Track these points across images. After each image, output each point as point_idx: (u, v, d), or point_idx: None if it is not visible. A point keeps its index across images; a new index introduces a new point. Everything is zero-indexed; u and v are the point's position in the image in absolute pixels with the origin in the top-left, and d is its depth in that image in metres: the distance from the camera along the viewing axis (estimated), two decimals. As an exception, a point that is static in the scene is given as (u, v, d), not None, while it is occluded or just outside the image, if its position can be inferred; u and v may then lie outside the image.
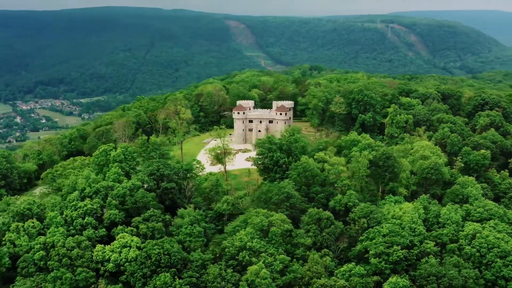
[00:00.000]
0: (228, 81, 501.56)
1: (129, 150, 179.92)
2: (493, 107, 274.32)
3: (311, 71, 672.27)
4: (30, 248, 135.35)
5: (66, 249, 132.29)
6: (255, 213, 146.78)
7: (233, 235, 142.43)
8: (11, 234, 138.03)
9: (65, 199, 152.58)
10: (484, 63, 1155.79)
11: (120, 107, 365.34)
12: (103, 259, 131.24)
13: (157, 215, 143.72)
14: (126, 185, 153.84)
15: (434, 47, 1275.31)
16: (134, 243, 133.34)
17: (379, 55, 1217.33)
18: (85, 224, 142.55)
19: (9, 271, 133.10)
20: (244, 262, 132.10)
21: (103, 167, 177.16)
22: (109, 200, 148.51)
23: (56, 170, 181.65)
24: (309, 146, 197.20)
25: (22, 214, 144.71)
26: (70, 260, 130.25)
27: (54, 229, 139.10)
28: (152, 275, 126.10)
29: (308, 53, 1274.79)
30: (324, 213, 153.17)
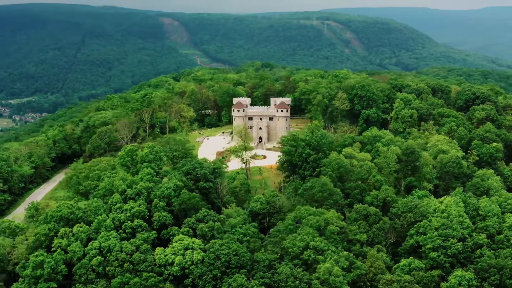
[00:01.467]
0: (190, 79, 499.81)
1: (156, 149, 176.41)
2: (484, 101, 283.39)
3: (263, 68, 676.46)
4: (84, 254, 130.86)
5: (125, 253, 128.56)
6: (306, 212, 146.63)
7: (288, 234, 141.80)
8: (61, 240, 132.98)
9: (107, 202, 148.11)
10: (419, 59, 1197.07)
11: (92, 106, 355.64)
12: (166, 263, 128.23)
13: (212, 215, 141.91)
14: (169, 186, 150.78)
15: (369, 43, 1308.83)
16: (196, 245, 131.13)
17: (316, 52, 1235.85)
18: (135, 227, 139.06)
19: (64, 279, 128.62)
20: (309, 261, 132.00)
21: (129, 168, 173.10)
22: (155, 202, 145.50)
23: (81, 172, 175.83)
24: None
25: (67, 218, 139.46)
26: (132, 265, 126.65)
27: (106, 233, 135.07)
28: (222, 277, 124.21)
29: (245, 51, 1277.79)
30: (371, 208, 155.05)
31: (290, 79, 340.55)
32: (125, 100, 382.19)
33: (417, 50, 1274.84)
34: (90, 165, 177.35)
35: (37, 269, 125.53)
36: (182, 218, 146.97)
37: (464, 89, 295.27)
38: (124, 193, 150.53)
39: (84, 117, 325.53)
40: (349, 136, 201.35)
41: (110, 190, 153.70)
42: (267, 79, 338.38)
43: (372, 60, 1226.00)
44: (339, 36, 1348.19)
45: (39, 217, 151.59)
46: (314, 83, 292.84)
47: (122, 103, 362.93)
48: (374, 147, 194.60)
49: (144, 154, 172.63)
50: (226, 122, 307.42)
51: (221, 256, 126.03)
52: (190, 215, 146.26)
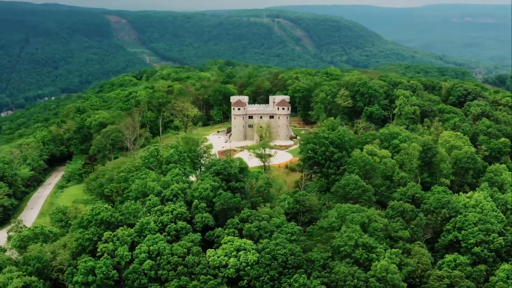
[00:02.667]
0: (157, 77, 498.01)
1: (180, 149, 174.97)
2: (475, 97, 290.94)
3: (226, 66, 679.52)
4: (132, 258, 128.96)
5: (177, 256, 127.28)
6: (349, 209, 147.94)
7: (332, 231, 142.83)
8: (106, 244, 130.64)
9: (144, 204, 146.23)
10: (369, 56, 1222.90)
11: (71, 107, 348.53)
12: (219, 265, 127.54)
13: (256, 215, 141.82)
14: (205, 186, 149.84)
15: (320, 41, 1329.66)
16: (248, 245, 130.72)
17: (267, 50, 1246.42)
18: (180, 229, 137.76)
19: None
20: (361, 259, 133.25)
21: (152, 169, 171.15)
22: (196, 203, 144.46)
23: (103, 174, 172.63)
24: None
25: (107, 222, 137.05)
26: (186, 268, 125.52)
27: (152, 236, 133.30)
28: (279, 278, 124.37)
29: (195, 49, 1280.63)
30: (407, 205, 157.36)
31: (278, 77, 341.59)
32: (103, 100, 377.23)
33: (367, 47, 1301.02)
34: (112, 167, 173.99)
35: (88, 275, 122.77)
36: (222, 219, 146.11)
37: (456, 86, 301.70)
38: (160, 194, 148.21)
39: (65, 118, 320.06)
40: (369, 133, 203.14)
41: (143, 192, 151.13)
42: (256, 77, 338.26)
43: (323, 58, 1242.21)
44: (289, 33, 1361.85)
45: (73, 221, 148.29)
46: (309, 81, 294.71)
47: (101, 103, 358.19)
48: (391, 144, 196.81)
49: (169, 155, 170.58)
50: (218, 121, 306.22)
51: (277, 256, 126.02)
52: (231, 216, 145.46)
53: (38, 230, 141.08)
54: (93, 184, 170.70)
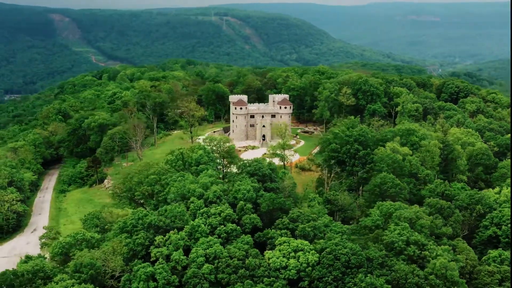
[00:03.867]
0: (123, 77, 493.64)
1: (207, 150, 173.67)
2: (467, 94, 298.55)
3: (186, 65, 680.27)
4: (189, 262, 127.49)
5: (237, 259, 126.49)
6: (392, 206, 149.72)
7: (376, 229, 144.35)
8: (160, 248, 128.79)
9: (188, 207, 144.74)
10: (319, 54, 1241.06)
11: (49, 108, 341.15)
12: (280, 266, 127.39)
13: (306, 214, 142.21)
14: (247, 188, 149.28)
15: (269, 39, 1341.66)
16: (305, 246, 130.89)
17: (217, 49, 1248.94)
18: (230, 231, 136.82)
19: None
20: (414, 256, 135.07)
21: (181, 170, 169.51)
22: (241, 204, 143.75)
23: (131, 177, 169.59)
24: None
25: (156, 226, 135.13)
26: (247, 271, 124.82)
27: (205, 239, 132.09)
28: (343, 278, 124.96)
29: (143, 48, 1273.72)
30: (443, 202, 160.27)
31: (267, 75, 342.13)
32: (80, 100, 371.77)
33: (316, 45, 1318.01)
34: (139, 170, 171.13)
35: (148, 281, 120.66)
36: (266, 220, 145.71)
37: (448, 83, 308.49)
38: (202, 197, 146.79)
39: (45, 120, 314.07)
40: (389, 130, 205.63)
41: (182, 195, 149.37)
42: (246, 76, 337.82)
43: (273, 56, 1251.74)
44: (238, 32, 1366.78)
45: (110, 226, 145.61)
46: (304, 79, 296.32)
47: (80, 104, 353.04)
48: (409, 140, 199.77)
49: (198, 156, 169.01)
50: (211, 120, 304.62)
51: (339, 256, 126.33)
52: (277, 216, 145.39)
53: (80, 236, 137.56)
54: (122, 188, 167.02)
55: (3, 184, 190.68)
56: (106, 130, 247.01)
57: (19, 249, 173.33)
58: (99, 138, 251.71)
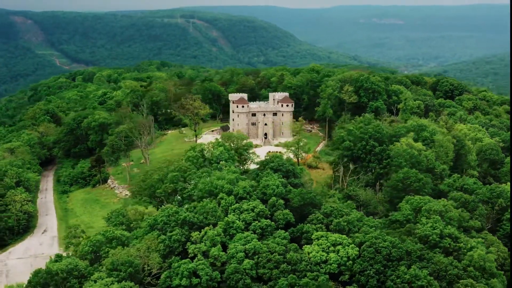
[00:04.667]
0: (102, 78, 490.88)
1: (226, 147, 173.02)
2: (462, 91, 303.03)
3: (162, 67, 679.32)
4: (228, 258, 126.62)
5: (277, 254, 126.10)
6: (422, 200, 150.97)
7: (407, 224, 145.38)
8: (198, 245, 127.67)
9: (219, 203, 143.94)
10: (286, 57, 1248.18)
11: (35, 109, 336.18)
12: (320, 260, 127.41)
13: (340, 209, 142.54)
14: (275, 183, 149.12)
15: (236, 42, 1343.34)
16: (344, 239, 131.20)
17: (183, 51, 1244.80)
18: (265, 226, 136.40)
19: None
20: (450, 249, 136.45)
21: (202, 167, 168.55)
22: (273, 200, 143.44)
23: (150, 175, 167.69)
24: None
25: (191, 222, 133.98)
26: (289, 266, 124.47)
27: (242, 234, 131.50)
28: (384, 271, 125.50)
29: (108, 51, 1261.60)
30: (467, 195, 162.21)
31: (260, 74, 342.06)
32: (65, 101, 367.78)
33: (283, 48, 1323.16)
34: (159, 167, 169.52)
35: (190, 277, 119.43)
36: (297, 215, 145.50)
37: (442, 81, 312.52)
38: (232, 192, 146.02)
39: (33, 121, 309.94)
40: (403, 125, 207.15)
41: (209, 191, 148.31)
42: (239, 75, 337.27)
43: (241, 59, 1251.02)
44: (205, 34, 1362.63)
45: (137, 224, 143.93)
46: (300, 77, 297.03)
47: (65, 104, 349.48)
48: (420, 136, 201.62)
49: (219, 153, 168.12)
50: (206, 120, 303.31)
51: (380, 249, 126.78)
52: (307, 211, 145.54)
53: (110, 234, 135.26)
54: (142, 185, 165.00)
55: (11, 184, 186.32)
56: (107, 130, 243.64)
57: (33, 250, 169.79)
58: (99, 137, 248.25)
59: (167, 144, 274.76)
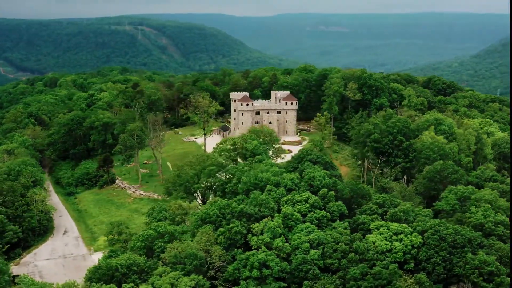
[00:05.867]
0: (67, 83, 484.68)
1: (257, 142, 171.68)
2: (454, 90, 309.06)
3: (124, 72, 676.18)
4: (293, 249, 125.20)
5: (343, 243, 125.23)
6: (466, 190, 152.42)
7: (454, 214, 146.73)
8: (261, 236, 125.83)
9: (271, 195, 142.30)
10: (237, 64, 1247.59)
11: (16, 112, 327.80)
12: (385, 250, 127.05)
13: (387, 199, 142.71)
14: (321, 175, 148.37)
15: (186, 49, 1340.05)
16: (405, 228, 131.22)
17: (132, 59, 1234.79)
18: (321, 217, 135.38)
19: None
20: (504, 236, 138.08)
21: (233, 161, 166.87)
22: (324, 192, 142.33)
23: (185, 169, 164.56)
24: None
25: (247, 214, 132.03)
26: (357, 255, 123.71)
27: (303, 225, 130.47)
28: (450, 258, 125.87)
29: (54, 59, 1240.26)
30: (503, 186, 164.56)
31: (250, 74, 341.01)
32: (42, 104, 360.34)
33: (233, 55, 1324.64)
34: (191, 163, 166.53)
35: (261, 269, 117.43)
36: (346, 206, 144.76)
37: (434, 79, 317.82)
38: (279, 185, 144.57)
39: (17, 124, 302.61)
40: (425, 120, 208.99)
41: (254, 184, 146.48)
42: (232, 75, 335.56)
43: (191, 66, 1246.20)
44: (154, 42, 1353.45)
45: (185, 218, 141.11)
46: (297, 76, 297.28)
47: (50, 107, 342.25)
48: (439, 129, 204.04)
49: (254, 147, 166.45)
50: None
51: (445, 236, 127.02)
52: (357, 203, 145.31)
53: (161, 229, 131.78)
54: (177, 181, 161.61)
55: (28, 184, 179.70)
56: (110, 130, 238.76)
57: (60, 251, 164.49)
58: (102, 137, 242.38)
59: (166, 145, 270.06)
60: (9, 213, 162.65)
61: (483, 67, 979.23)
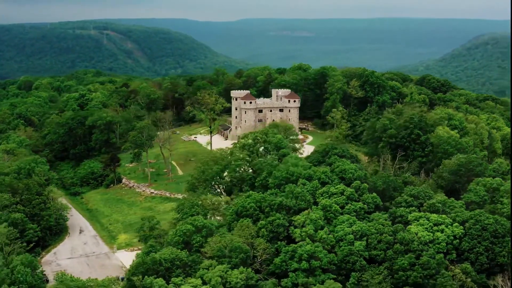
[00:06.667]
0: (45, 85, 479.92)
1: (282, 136, 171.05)
2: (448, 88, 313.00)
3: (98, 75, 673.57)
4: (337, 241, 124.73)
5: (387, 234, 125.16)
6: (495, 181, 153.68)
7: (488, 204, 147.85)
8: (304, 228, 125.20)
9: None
10: (204, 69, 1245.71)
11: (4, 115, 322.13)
12: (428, 241, 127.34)
13: (424, 191, 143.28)
14: (352, 167, 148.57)
15: (152, 54, 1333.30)
16: (444, 219, 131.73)
17: (98, 63, 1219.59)
18: (358, 209, 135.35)
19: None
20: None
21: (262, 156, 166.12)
22: (357, 183, 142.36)
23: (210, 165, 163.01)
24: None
25: (287, 206, 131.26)
26: (403, 246, 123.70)
27: (343, 217, 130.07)
28: (492, 247, 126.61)
29: (17, 63, 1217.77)
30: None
31: (243, 74, 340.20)
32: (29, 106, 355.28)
33: (200, 60, 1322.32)
34: (216, 158, 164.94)
35: (309, 260, 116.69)
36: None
37: (428, 78, 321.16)
38: (312, 178, 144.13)
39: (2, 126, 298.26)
40: (441, 116, 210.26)
41: (286, 178, 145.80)
42: (225, 74, 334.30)
43: (158, 71, 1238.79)
44: (120, 46, 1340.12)
45: (227, 211, 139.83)
46: (296, 75, 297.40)
47: (37, 108, 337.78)
48: (450, 124, 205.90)
49: (278, 141, 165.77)
50: (188, 120, 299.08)
51: (486, 226, 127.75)
52: (389, 195, 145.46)
53: (199, 223, 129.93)
54: (202, 176, 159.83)
55: (42, 182, 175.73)
56: (113, 128, 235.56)
57: (81, 250, 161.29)
58: (105, 136, 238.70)
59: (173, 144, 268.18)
60: (26, 212, 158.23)
61: (449, 70, 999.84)
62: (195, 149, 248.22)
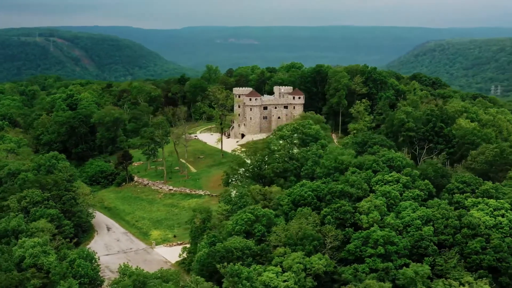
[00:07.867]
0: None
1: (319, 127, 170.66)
2: (441, 85, 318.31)
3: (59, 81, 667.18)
4: (405, 226, 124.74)
5: (453, 219, 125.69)
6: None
7: None
8: (372, 214, 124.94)
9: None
10: (154, 76, 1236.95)
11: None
12: (491, 225, 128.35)
13: (474, 178, 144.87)
14: (399, 156, 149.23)
15: (100, 61, 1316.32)
16: (503, 204, 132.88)
17: (45, 71, 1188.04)
18: (416, 196, 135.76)
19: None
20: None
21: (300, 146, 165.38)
22: (408, 170, 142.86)
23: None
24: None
25: (349, 193, 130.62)
26: (470, 230, 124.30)
27: (405, 203, 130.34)
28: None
29: None
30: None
31: (234, 73, 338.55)
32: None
33: (150, 67, 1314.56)
34: (255, 149, 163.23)
35: (385, 245, 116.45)
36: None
37: (421, 76, 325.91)
38: (363, 166, 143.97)
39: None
40: (458, 109, 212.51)
41: (335, 167, 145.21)
42: (218, 72, 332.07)
43: (106, 78, 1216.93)
44: (67, 53, 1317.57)
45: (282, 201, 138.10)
46: (293, 73, 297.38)
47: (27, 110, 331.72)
48: (467, 117, 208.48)
49: (315, 132, 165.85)
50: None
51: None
52: (438, 182, 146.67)
53: (258, 212, 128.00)
54: (246, 167, 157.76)
55: (67, 177, 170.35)
56: (120, 126, 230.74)
57: (116, 246, 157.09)
58: (112, 134, 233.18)
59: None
60: (58, 208, 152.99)
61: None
62: (200, 147, 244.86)
